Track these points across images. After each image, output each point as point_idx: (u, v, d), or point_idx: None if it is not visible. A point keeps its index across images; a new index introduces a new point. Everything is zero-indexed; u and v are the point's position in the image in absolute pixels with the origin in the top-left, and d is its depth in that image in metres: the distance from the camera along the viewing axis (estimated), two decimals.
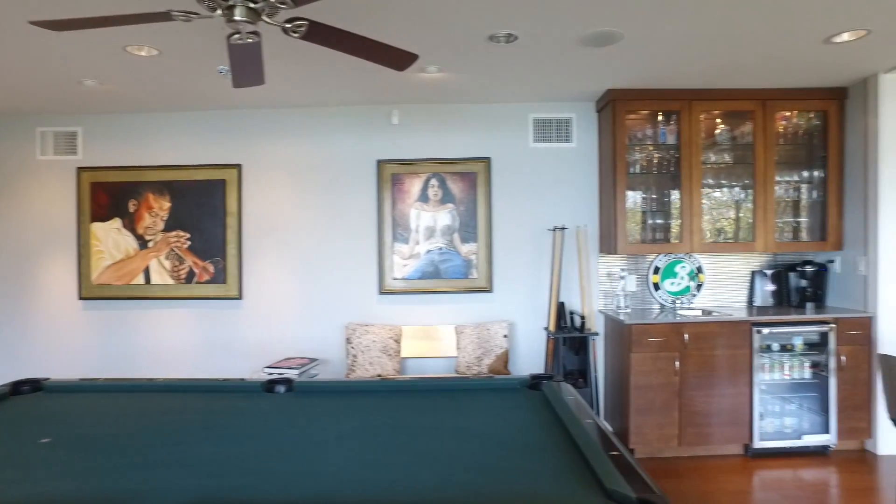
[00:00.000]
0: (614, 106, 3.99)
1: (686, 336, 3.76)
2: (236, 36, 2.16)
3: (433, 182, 4.30)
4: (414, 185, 4.30)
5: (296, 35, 2.21)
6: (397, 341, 4.18)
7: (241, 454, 1.74)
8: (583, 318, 4.10)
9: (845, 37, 3.12)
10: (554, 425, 2.03)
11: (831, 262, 4.22)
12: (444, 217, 4.30)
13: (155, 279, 4.33)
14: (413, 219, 4.30)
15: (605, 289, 4.38)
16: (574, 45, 3.15)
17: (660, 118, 4.12)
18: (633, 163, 4.14)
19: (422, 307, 4.37)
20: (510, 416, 2.17)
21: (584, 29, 2.92)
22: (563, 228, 4.29)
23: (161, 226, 4.33)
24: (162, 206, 4.32)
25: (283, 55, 3.24)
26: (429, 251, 4.31)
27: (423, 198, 4.30)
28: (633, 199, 4.22)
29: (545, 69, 3.56)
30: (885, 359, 2.11)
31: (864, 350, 3.84)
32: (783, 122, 4.18)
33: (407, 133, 4.36)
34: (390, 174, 4.30)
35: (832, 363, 3.83)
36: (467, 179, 4.31)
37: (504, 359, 4.10)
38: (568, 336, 4.07)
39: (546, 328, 4.24)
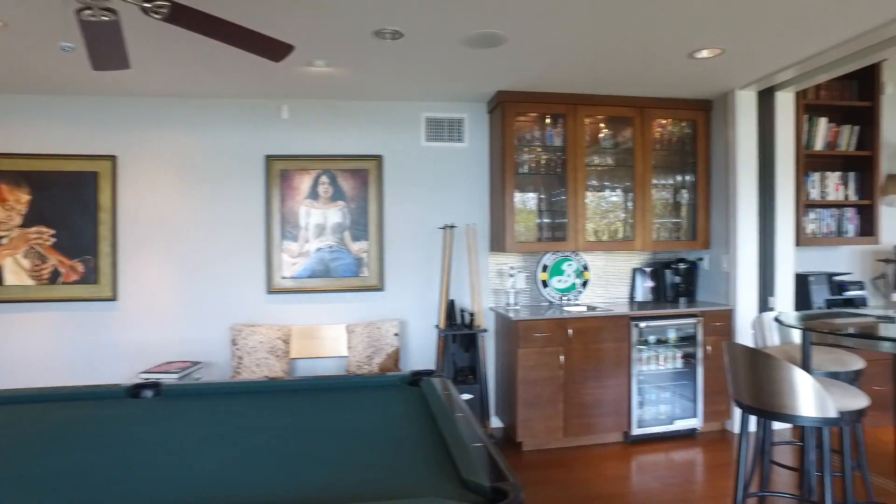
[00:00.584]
0: (504, 107, 4.09)
1: (570, 331, 3.92)
2: (87, 12, 2.00)
3: (324, 179, 4.21)
4: (304, 182, 4.19)
5: (157, 17, 2.07)
6: (286, 342, 4.06)
7: (90, 466, 1.60)
8: (472, 315, 4.17)
9: (705, 53, 3.38)
10: (425, 420, 2.04)
11: (701, 259, 4.56)
12: (334, 215, 4.23)
13: (10, 279, 3.93)
14: (303, 216, 4.19)
15: (495, 286, 4.48)
16: (460, 45, 3.18)
17: (547, 121, 4.27)
18: (521, 163, 4.27)
19: (312, 306, 4.26)
20: (385, 412, 2.16)
21: (468, 30, 2.97)
22: (453, 227, 4.34)
23: (18, 220, 3.94)
24: (19, 199, 3.93)
25: (153, 38, 3.04)
26: (319, 249, 4.21)
27: (314, 195, 4.20)
28: (523, 198, 4.35)
29: (434, 69, 3.59)
30: (729, 346, 2.29)
31: (726, 340, 4.17)
32: (659, 130, 4.46)
33: (297, 128, 4.24)
34: (279, 170, 4.17)
35: (700, 353, 4.13)
36: (359, 177, 4.26)
37: (395, 357, 4.08)
38: (457, 333, 4.13)
39: (437, 326, 4.28)
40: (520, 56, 3.39)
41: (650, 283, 4.60)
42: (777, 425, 4.13)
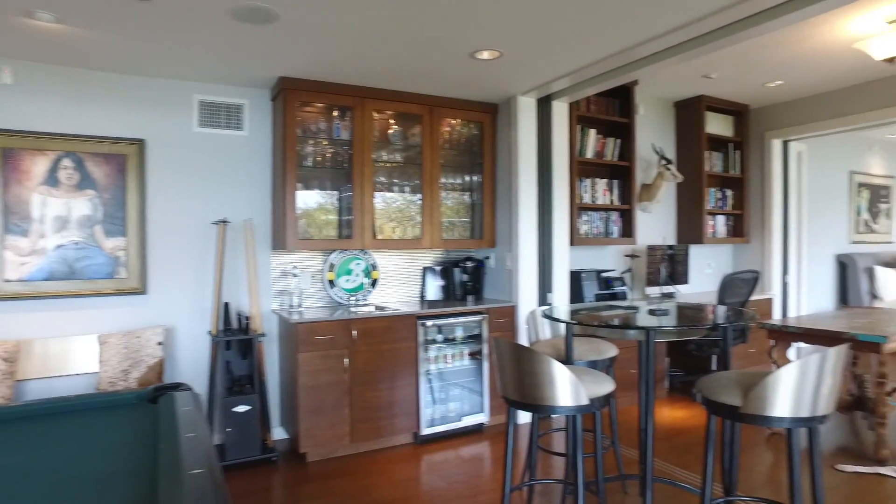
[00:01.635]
0: (286, 95, 3.81)
1: (355, 332, 3.75)
2: None
3: (67, 163, 3.54)
4: (38, 165, 3.48)
5: None
6: (11, 360, 3.31)
7: None
8: (248, 318, 3.81)
9: (485, 55, 3.46)
10: (147, 446, 1.70)
11: (488, 258, 4.71)
12: (81, 206, 3.57)
13: None
14: (37, 206, 3.47)
15: (280, 287, 4.16)
16: (228, 18, 2.85)
17: (335, 113, 4.08)
18: (306, 156, 4.02)
19: (52, 314, 3.55)
20: (105, 440, 1.77)
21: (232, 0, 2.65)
22: (226, 222, 3.93)
23: None
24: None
25: None
26: (60, 246, 3.53)
27: (52, 181, 3.50)
28: (308, 194, 4.10)
29: (202, 43, 3.19)
30: (496, 342, 2.29)
31: (509, 336, 4.34)
32: (448, 129, 4.52)
33: (27, 99, 3.50)
34: (1, 148, 3.40)
35: (486, 349, 4.24)
36: (114, 163, 3.65)
37: (158, 369, 3.56)
38: (232, 339, 3.74)
39: (209, 332, 3.83)
40: (298, 38, 3.14)
41: (440, 282, 4.64)
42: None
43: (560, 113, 4.44)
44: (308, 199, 4.10)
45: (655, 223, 5.73)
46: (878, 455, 3.50)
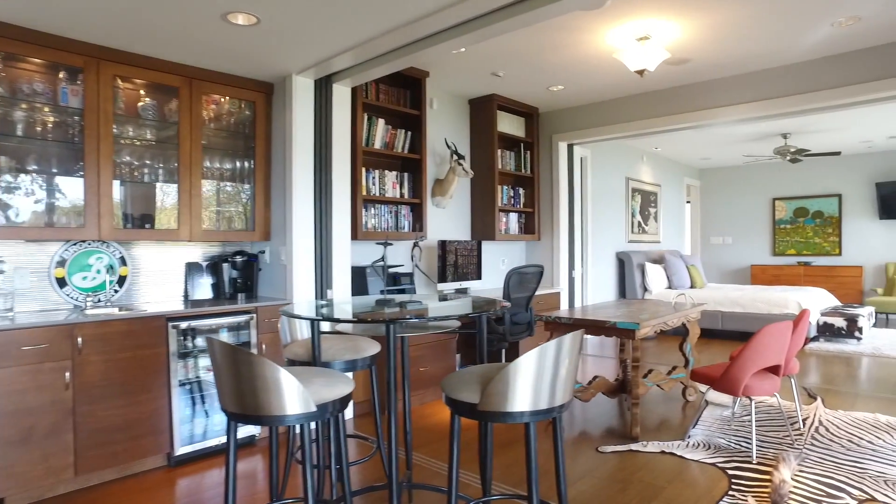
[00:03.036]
0: None
1: (80, 340, 3.09)
2: None
3: None
4: None
5: None
6: None
7: None
8: None
9: (240, 19, 3.05)
10: None
11: (263, 252, 4.27)
12: None
13: None
14: None
15: None
16: None
17: (61, 74, 3.35)
18: (15, 123, 3.24)
19: None
20: None
21: None
22: None
23: None
24: None
25: None
26: None
27: None
28: (18, 171, 3.32)
29: None
30: (209, 343, 1.91)
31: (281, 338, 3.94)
32: (214, 107, 4.00)
33: None
34: None
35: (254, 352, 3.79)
36: None
37: None
38: None
39: None
40: None
41: (210, 279, 4.09)
42: None
43: (342, 97, 4.16)
44: (16, 177, 3.31)
45: (449, 219, 5.72)
46: (633, 433, 3.72)
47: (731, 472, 3.17)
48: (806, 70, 4.79)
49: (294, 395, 1.84)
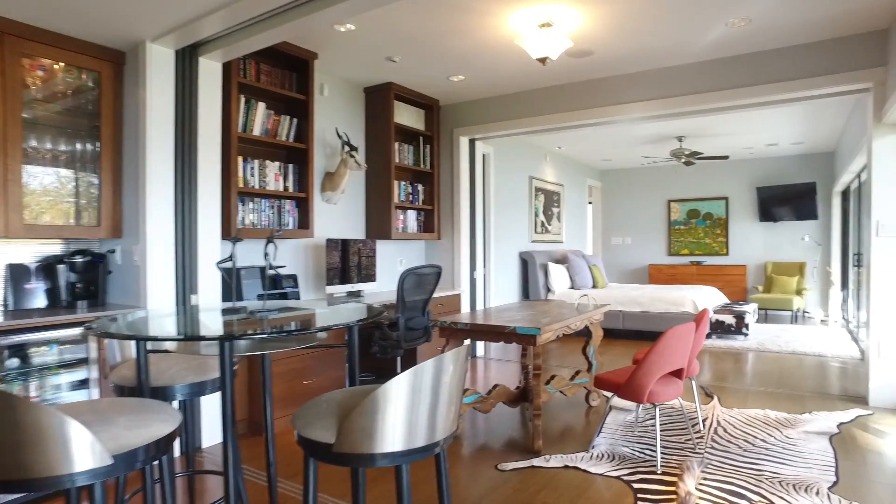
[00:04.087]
0: None
1: None
2: None
3: None
4: None
5: None
6: None
7: None
8: None
9: None
10: None
11: (112, 251, 3.62)
12: None
13: None
14: None
15: None
16: None
17: None
18: None
19: None
20: None
21: None
22: None
23: None
24: None
25: None
26: None
27: None
28: None
29: None
30: None
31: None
32: (42, 73, 3.31)
33: None
34: None
35: (95, 375, 3.16)
36: None
37: None
38: None
39: None
40: None
41: (42, 285, 3.40)
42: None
43: (211, 74, 3.61)
44: None
45: (342, 216, 5.26)
46: (535, 447, 3.45)
47: (636, 485, 2.96)
48: (703, 70, 4.78)
49: (76, 446, 1.34)
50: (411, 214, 5.80)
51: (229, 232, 3.89)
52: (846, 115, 7.00)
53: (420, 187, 5.92)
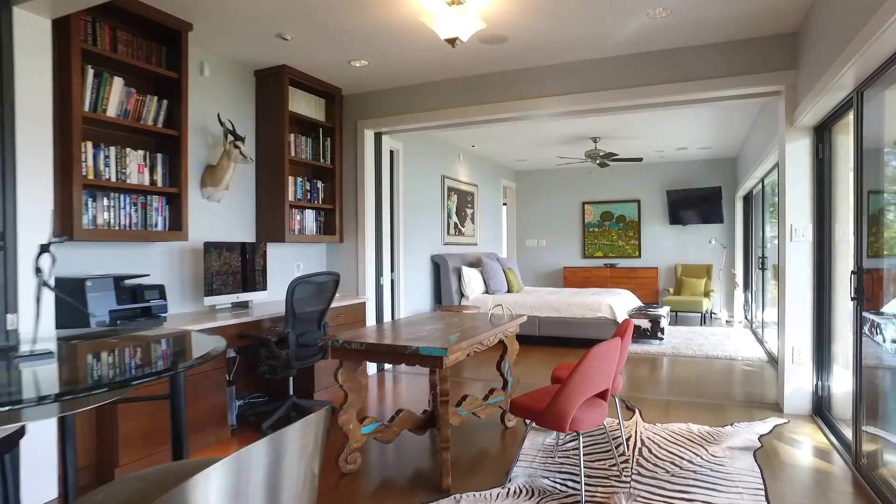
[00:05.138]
0: None
1: None
2: None
3: None
4: None
5: None
6: None
7: None
8: None
9: None
10: None
11: None
12: None
13: None
14: None
15: None
16: None
17: None
18: None
19: None
20: None
21: None
22: None
23: None
24: None
25: None
26: None
27: None
28: None
29: None
30: None
31: None
32: None
33: None
34: None
35: None
36: None
37: None
38: None
39: None
40: None
41: None
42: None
43: (32, 30, 2.86)
44: None
45: (227, 215, 4.57)
46: (443, 485, 2.98)
47: None
48: (622, 65, 4.53)
49: None
50: (309, 214, 5.18)
51: (73, 233, 3.16)
52: (750, 122, 7.08)
53: (320, 184, 5.32)
